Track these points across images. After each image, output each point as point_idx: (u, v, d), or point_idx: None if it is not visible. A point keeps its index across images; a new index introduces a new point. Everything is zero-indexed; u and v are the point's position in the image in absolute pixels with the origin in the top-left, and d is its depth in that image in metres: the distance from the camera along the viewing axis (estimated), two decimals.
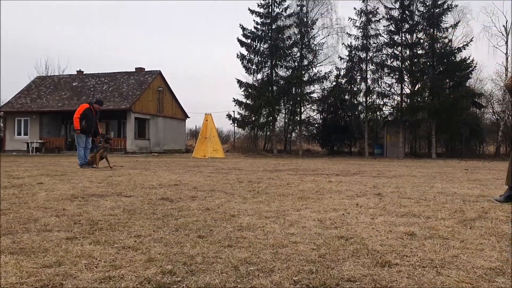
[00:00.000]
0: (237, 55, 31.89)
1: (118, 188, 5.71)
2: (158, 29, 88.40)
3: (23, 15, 73.09)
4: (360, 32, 30.86)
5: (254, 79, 32.16)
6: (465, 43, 29.61)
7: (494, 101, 33.57)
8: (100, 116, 12.20)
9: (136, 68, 34.66)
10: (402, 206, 4.12)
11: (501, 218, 3.39)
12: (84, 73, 35.90)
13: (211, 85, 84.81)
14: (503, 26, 32.70)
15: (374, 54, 30.82)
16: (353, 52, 31.06)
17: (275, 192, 5.41)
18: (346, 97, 32.92)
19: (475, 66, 30.73)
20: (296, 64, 32.26)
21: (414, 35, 30.49)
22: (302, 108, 33.08)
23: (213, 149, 20.98)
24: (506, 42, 31.91)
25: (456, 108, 28.40)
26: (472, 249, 2.38)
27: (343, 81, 32.45)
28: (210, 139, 21.21)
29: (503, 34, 32.43)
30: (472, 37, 32.23)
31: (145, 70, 34.51)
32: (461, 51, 29.60)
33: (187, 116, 38.36)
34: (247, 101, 31.54)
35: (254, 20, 31.99)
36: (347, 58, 31.42)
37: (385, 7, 30.49)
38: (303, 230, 2.90)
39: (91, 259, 2.18)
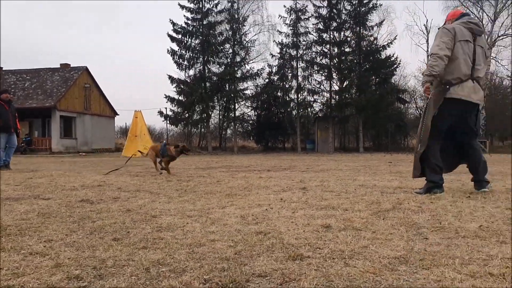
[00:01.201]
0: (168, 51, 31.39)
1: (37, 190, 5.41)
2: (85, 23, 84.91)
3: None
4: (290, 29, 31.49)
5: (186, 75, 31.85)
6: (389, 41, 31.13)
7: (417, 97, 35.57)
8: (23, 114, 11.28)
9: (61, 64, 33.06)
10: (324, 199, 4.23)
11: (413, 209, 3.58)
12: (3, 69, 33.67)
13: (141, 81, 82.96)
14: (424, 25, 34.76)
15: (304, 52, 31.59)
16: (284, 49, 31.64)
17: (204, 190, 5.37)
18: (279, 94, 33.46)
19: (399, 63, 32.43)
20: (228, 60, 32.30)
21: (342, 33, 31.58)
22: (236, 104, 33.18)
23: (144, 147, 20.45)
24: (427, 40, 33.95)
25: (381, 104, 29.76)
26: (382, 239, 2.48)
27: (276, 78, 32.94)
28: (141, 137, 20.70)
29: (424, 33, 34.46)
30: (396, 36, 33.93)
31: (71, 66, 32.99)
32: (386, 49, 31.07)
33: (116, 114, 37.16)
34: (180, 98, 31.16)
35: (184, 16, 31.62)
36: (279, 56, 31.95)
37: (314, 5, 31.33)
38: (223, 228, 2.90)
39: None
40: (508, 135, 35.35)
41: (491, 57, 33.06)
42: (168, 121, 32.71)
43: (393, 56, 31.51)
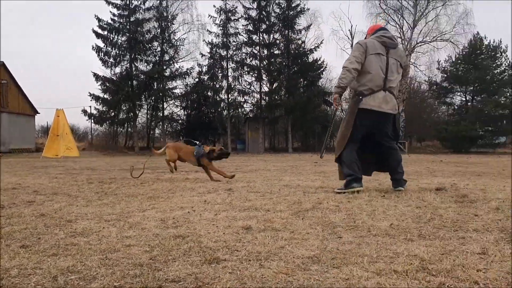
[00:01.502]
0: (93, 47, 30.16)
1: None
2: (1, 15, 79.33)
3: None
4: (220, 30, 31.51)
5: (112, 72, 30.79)
6: (316, 45, 32.10)
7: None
8: None
9: None
10: (248, 200, 4.26)
11: (331, 208, 3.70)
12: None
13: (64, 79, 78.98)
14: (349, 30, 36.19)
15: (234, 52, 31.74)
16: (214, 49, 31.59)
17: (125, 192, 5.20)
18: (209, 93, 33.33)
19: (326, 67, 33.54)
20: (157, 58, 31.66)
21: (271, 35, 32.07)
22: (165, 103, 32.60)
23: (66, 147, 19.51)
24: (351, 45, 35.31)
25: (309, 106, 30.62)
26: (299, 239, 2.54)
27: (206, 77, 32.80)
28: (63, 136, 19.67)
29: (348, 38, 35.81)
30: (323, 40, 35.02)
31: None
32: (313, 52, 32.02)
33: (37, 112, 35.05)
34: (105, 96, 30.05)
35: (111, 12, 30.55)
36: (209, 55, 31.83)
37: (244, 6, 31.55)
38: (141, 232, 2.82)
39: None
40: (426, 137, 37.72)
41: (411, 63, 35.17)
42: (92, 120, 31.44)
43: (320, 59, 32.60)
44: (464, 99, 33.99)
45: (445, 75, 33.94)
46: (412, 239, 2.54)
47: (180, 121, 35.44)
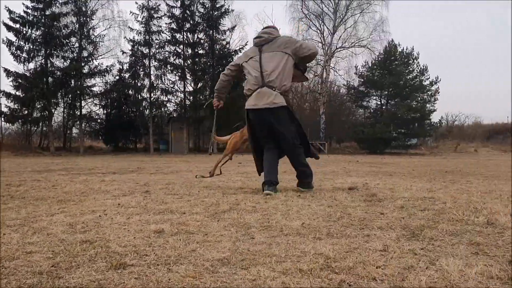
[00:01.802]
0: (4, 41, 28.16)
1: None
2: None
3: None
4: (143, 27, 30.75)
5: (26, 68, 28.89)
6: (241, 47, 32.32)
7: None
8: None
9: None
10: (164, 203, 4.19)
11: (247, 209, 3.73)
12: None
13: None
14: None
15: (157, 51, 31.14)
16: (136, 47, 30.76)
17: (34, 195, 4.90)
18: (130, 92, 32.39)
19: None
20: (75, 55, 30.20)
21: (195, 35, 31.83)
22: (83, 102, 31.18)
23: None
24: None
25: (234, 107, 30.74)
26: (212, 242, 2.53)
27: (127, 75, 31.85)
28: None
29: None
30: (247, 41, 35.28)
31: None
32: (238, 53, 32.15)
33: None
34: (17, 93, 28.17)
35: (24, 4, 28.67)
36: (130, 53, 30.95)
37: (167, 4, 31.05)
38: (46, 238, 2.66)
39: None
40: (344, 138, 39.36)
41: (331, 67, 36.58)
42: (3, 119, 29.31)
43: None
44: (379, 102, 35.91)
45: (362, 80, 35.67)
46: (321, 238, 2.64)
47: (99, 120, 34.04)
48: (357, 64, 37.06)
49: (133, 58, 31.17)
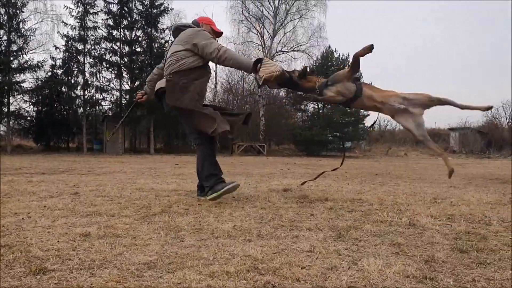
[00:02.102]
0: None
1: None
2: None
3: None
4: (78, 22, 29.54)
5: None
6: None
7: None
8: None
9: None
10: (93, 205, 4.05)
11: (180, 212, 3.69)
12: None
13: None
14: None
15: (93, 47, 30.02)
16: (70, 42, 29.49)
17: None
18: (63, 89, 30.98)
19: None
20: (3, 48, 28.44)
21: (133, 32, 31.04)
22: (11, 98, 29.43)
23: None
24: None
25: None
26: (140, 245, 2.48)
27: (60, 72, 30.45)
28: None
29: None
30: None
31: None
32: None
33: None
34: None
35: None
36: (64, 48, 29.64)
37: (104, 0, 30.05)
38: None
39: None
40: (283, 141, 39.97)
41: None
42: None
43: None
44: (316, 106, 36.81)
45: None
46: (251, 240, 2.66)
47: (29, 118, 32.24)
48: (295, 69, 37.71)
49: (67, 54, 29.82)
